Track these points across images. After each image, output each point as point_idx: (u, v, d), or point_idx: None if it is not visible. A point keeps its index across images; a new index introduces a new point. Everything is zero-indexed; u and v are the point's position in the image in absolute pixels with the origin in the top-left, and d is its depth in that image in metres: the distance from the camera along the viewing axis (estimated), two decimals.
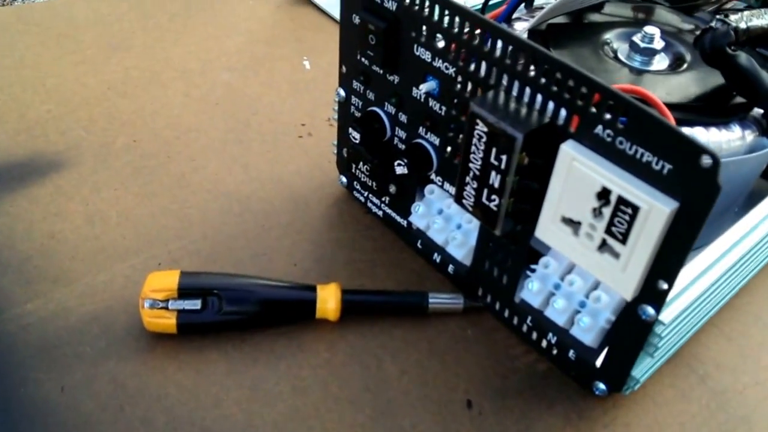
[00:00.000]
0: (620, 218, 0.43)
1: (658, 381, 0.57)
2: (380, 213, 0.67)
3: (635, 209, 0.42)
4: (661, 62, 0.62)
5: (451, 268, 0.62)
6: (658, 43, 0.62)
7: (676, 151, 0.40)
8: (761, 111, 0.59)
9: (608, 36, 0.65)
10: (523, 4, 0.68)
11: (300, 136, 0.78)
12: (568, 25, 0.68)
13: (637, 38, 0.62)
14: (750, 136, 0.58)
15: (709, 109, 0.58)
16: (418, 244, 0.64)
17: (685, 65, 0.62)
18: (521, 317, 0.57)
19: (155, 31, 0.94)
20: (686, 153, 0.39)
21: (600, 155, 0.43)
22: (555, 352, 0.56)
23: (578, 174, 0.44)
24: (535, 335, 0.57)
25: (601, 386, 0.53)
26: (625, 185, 0.42)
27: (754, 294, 0.65)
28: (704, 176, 0.39)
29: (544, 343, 0.56)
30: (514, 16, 0.67)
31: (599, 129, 0.43)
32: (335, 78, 0.62)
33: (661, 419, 0.55)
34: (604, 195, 0.43)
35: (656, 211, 0.41)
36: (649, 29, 0.61)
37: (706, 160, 0.38)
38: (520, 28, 0.65)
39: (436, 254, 0.63)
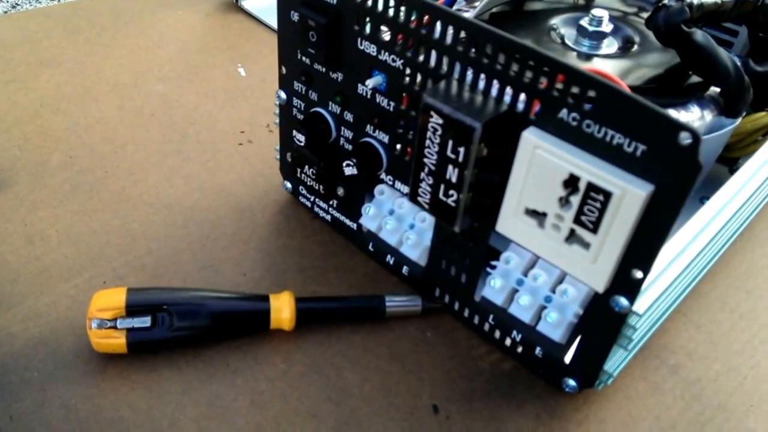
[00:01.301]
0: (590, 206, 0.41)
1: (629, 374, 0.56)
2: (328, 217, 0.65)
3: (607, 195, 0.40)
4: (610, 46, 0.61)
5: (405, 269, 0.60)
6: (607, 26, 0.60)
7: (650, 130, 0.38)
8: (718, 89, 0.58)
9: (554, 21, 0.64)
10: None
11: (240, 144, 0.76)
12: (511, 13, 0.66)
13: (584, 22, 0.60)
14: (709, 115, 0.56)
15: (665, 90, 0.57)
16: (370, 247, 0.62)
17: (635, 47, 0.61)
18: (483, 316, 0.56)
19: (85, 45, 0.92)
20: (662, 131, 0.37)
21: (565, 141, 0.41)
22: (520, 349, 0.54)
23: (542, 162, 0.42)
24: (498, 334, 0.55)
25: (571, 383, 0.52)
26: (594, 170, 0.40)
27: (717, 280, 0.65)
28: (683, 155, 0.37)
29: (508, 342, 0.55)
30: (454, 7, 0.65)
31: (563, 113, 0.41)
32: (272, 84, 0.60)
33: (635, 413, 0.54)
34: (571, 183, 0.41)
35: (630, 195, 0.39)
36: (597, 12, 0.60)
37: (684, 138, 0.36)
38: None
39: (389, 256, 0.61)
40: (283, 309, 0.55)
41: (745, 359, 0.58)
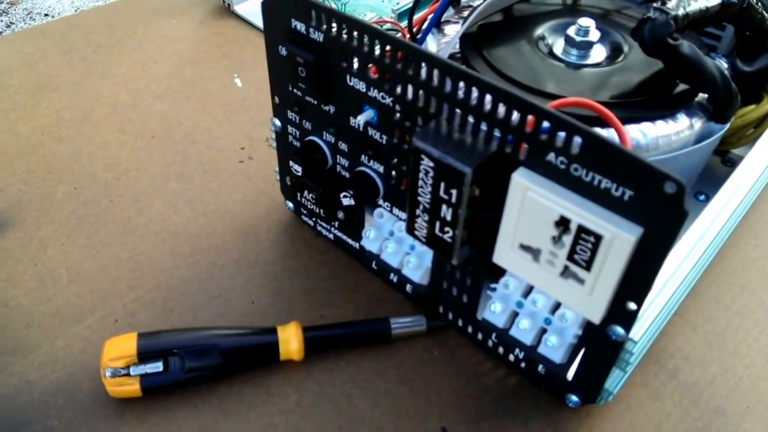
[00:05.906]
0: (582, 246, 0.42)
1: (629, 381, 0.57)
2: (331, 236, 0.67)
3: (598, 238, 0.41)
4: (598, 54, 0.62)
5: (409, 287, 0.61)
6: (594, 35, 0.61)
7: (636, 178, 0.39)
8: (706, 96, 0.58)
9: (541, 30, 0.64)
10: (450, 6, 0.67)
11: (241, 161, 0.77)
12: (500, 24, 0.66)
13: (572, 32, 0.61)
14: (698, 123, 0.57)
15: (653, 101, 0.57)
16: (373, 265, 0.63)
17: (622, 56, 0.62)
18: (486, 334, 0.57)
19: (81, 65, 0.92)
20: (648, 180, 0.38)
21: (555, 182, 0.42)
22: (523, 365, 0.55)
23: (533, 203, 0.43)
24: (501, 350, 0.56)
25: (574, 398, 0.53)
26: (584, 214, 0.41)
27: (711, 276, 0.65)
28: (669, 203, 0.38)
29: (511, 358, 0.56)
30: (443, 18, 0.66)
31: (551, 156, 0.41)
32: (268, 94, 0.61)
33: (637, 423, 0.55)
34: (563, 223, 0.42)
35: (620, 239, 0.40)
36: (584, 22, 0.60)
37: (669, 188, 0.37)
38: (452, 32, 0.64)
39: (392, 275, 0.62)
40: (291, 340, 0.56)
41: (740, 359, 0.59)
